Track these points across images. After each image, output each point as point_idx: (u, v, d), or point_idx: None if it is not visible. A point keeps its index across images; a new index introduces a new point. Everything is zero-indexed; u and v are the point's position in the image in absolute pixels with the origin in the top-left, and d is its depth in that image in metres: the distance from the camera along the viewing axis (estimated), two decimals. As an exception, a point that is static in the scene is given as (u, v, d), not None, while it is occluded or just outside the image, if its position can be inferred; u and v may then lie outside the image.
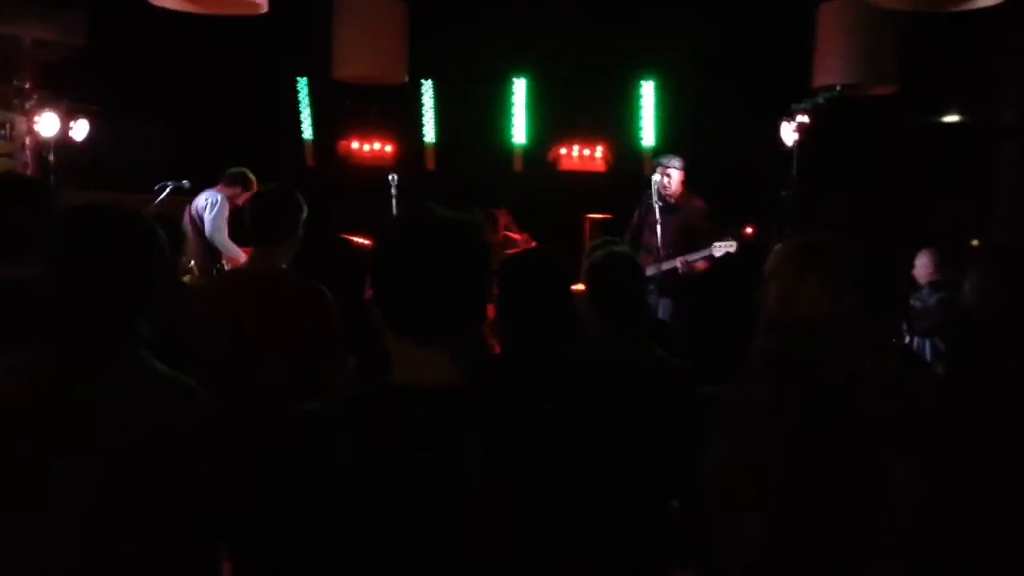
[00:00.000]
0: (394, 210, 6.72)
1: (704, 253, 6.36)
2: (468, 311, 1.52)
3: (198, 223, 6.45)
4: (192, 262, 6.17)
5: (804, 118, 5.44)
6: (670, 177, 6.57)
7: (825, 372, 2.12)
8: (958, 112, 8.57)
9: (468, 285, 1.50)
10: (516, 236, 7.39)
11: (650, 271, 5.99)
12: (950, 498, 2.15)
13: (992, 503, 2.29)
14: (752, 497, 2.07)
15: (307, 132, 8.89)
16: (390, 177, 6.62)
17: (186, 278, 5.66)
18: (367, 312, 1.55)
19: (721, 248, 6.33)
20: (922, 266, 5.90)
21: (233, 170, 6.64)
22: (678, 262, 6.32)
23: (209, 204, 6.48)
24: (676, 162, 6.64)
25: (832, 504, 2.09)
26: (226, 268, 6.43)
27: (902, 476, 2.08)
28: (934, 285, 5.77)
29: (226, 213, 6.47)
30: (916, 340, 5.70)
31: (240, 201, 6.34)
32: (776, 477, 2.07)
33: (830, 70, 5.84)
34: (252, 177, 6.65)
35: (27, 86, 6.70)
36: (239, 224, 5.91)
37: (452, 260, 1.48)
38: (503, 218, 7.51)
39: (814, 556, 2.09)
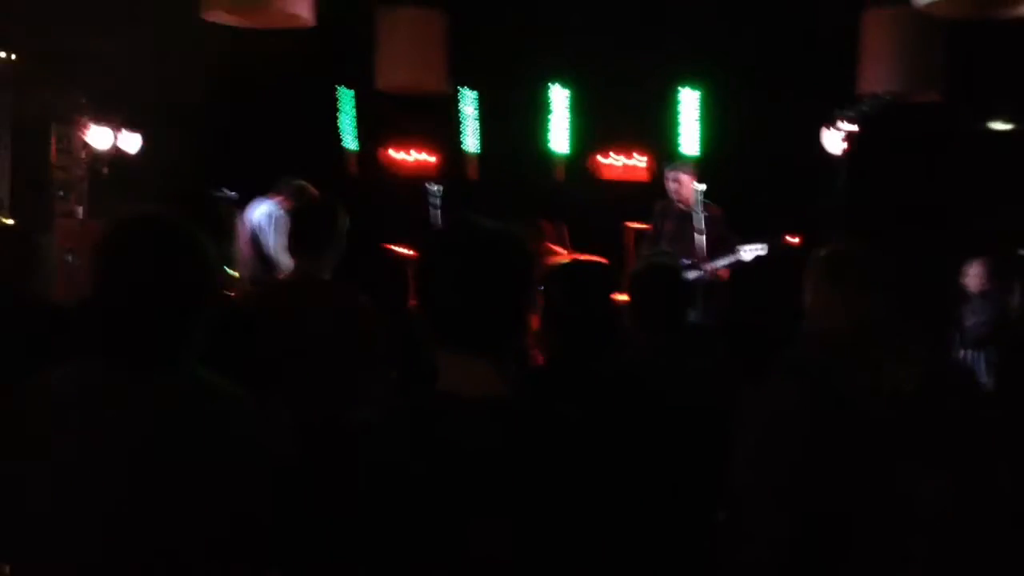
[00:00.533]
0: (436, 220, 6.74)
1: (732, 258, 6.30)
2: (512, 322, 1.53)
3: (257, 234, 6.44)
4: (242, 273, 6.21)
5: (852, 126, 5.38)
6: (679, 183, 6.53)
7: (836, 379, 2.13)
8: (1007, 119, 8.42)
9: (512, 296, 1.52)
10: (560, 249, 7.39)
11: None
12: (984, 516, 2.13)
13: None
14: (766, 502, 2.11)
15: (350, 142, 8.98)
16: (432, 187, 6.64)
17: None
18: (410, 322, 1.58)
19: (750, 251, 6.26)
20: (974, 276, 5.75)
21: (295, 183, 6.54)
22: (705, 268, 6.25)
23: (273, 220, 6.41)
24: (685, 168, 6.59)
25: (843, 511, 2.09)
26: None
27: (928, 490, 2.08)
28: (985, 295, 5.64)
29: (274, 228, 6.43)
30: (969, 353, 5.55)
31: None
32: (788, 482, 2.10)
33: (876, 78, 5.79)
34: (308, 188, 6.58)
35: (82, 101, 6.86)
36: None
37: (497, 271, 1.50)
38: (549, 230, 7.50)
39: (828, 563, 2.10)
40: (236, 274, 6.09)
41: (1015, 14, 4.13)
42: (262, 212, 6.45)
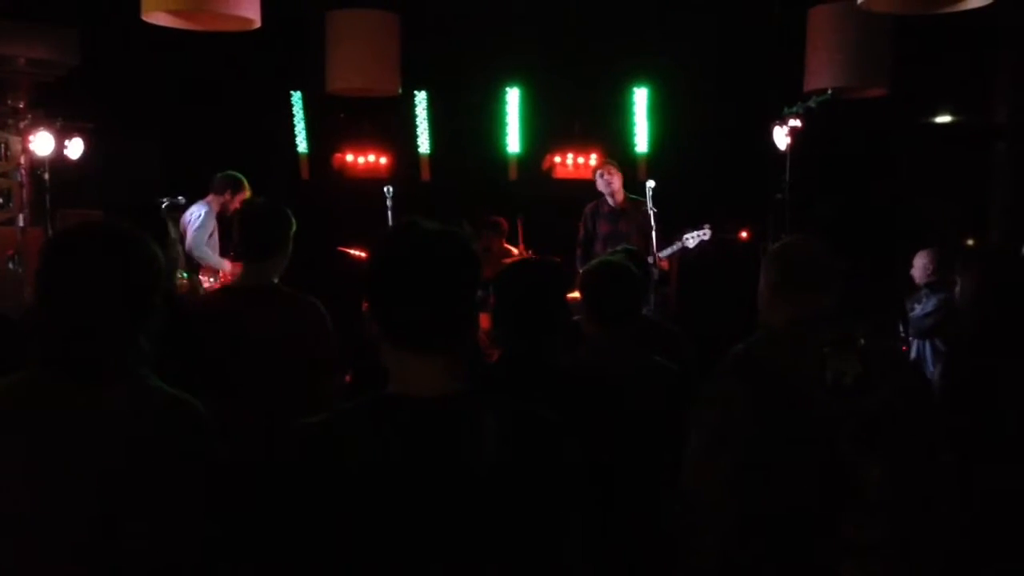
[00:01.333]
0: (390, 222, 6.72)
1: (677, 247, 6.37)
2: (461, 319, 1.55)
3: (183, 234, 6.42)
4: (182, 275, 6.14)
5: (796, 122, 5.45)
6: (612, 178, 6.62)
7: (782, 374, 2.16)
8: (950, 113, 8.60)
9: (460, 294, 1.54)
10: (513, 248, 7.41)
11: None
12: (930, 502, 2.18)
13: (978, 508, 2.32)
14: (715, 497, 2.14)
15: (302, 145, 8.91)
16: (385, 189, 6.62)
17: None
18: (362, 325, 1.57)
19: (694, 238, 6.34)
20: (920, 267, 5.86)
21: (220, 175, 6.58)
22: (650, 259, 6.30)
23: (193, 217, 6.44)
24: (615, 165, 6.72)
25: (795, 504, 2.13)
26: (207, 280, 6.38)
27: (871, 478, 2.11)
28: (932, 286, 5.74)
29: (209, 225, 6.41)
30: (916, 342, 5.67)
31: (236, 205, 6.28)
32: (737, 476, 2.14)
33: (821, 73, 5.87)
34: (240, 177, 6.55)
35: (21, 106, 6.72)
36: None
37: (443, 271, 1.52)
38: (505, 227, 7.52)
39: (783, 556, 2.13)
40: (184, 278, 6.03)
41: (956, 8, 4.20)
42: (188, 213, 6.43)
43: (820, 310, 2.21)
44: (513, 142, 8.75)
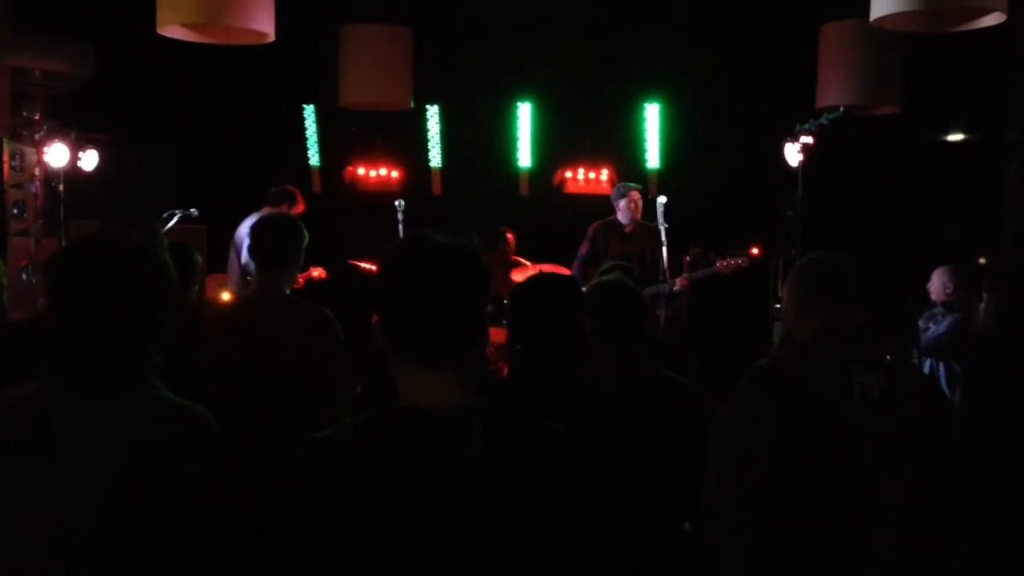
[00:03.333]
0: (401, 235, 6.73)
1: (709, 271, 6.33)
2: (470, 333, 1.55)
3: (239, 250, 6.39)
4: (227, 289, 6.12)
5: (808, 139, 5.45)
6: (636, 202, 6.60)
7: (808, 388, 2.15)
8: (963, 131, 8.58)
9: (468, 307, 1.53)
10: (523, 260, 7.42)
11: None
12: (951, 520, 2.16)
13: (996, 528, 2.30)
14: (739, 511, 2.12)
15: (314, 159, 8.95)
16: (397, 203, 6.64)
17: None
18: (372, 337, 1.57)
19: (728, 266, 6.27)
20: (939, 284, 5.68)
21: (276, 189, 6.56)
22: (678, 282, 6.28)
23: (248, 231, 6.36)
24: (637, 188, 6.72)
25: (819, 519, 2.11)
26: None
27: (896, 495, 2.10)
28: (948, 305, 5.61)
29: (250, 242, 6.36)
30: (929, 362, 5.52)
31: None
32: (761, 490, 2.12)
33: (833, 90, 5.88)
34: (294, 191, 6.55)
35: (36, 117, 6.76)
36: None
37: (452, 284, 1.52)
38: (513, 241, 7.53)
39: (807, 571, 2.12)
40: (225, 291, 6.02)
41: (969, 27, 4.20)
42: (243, 226, 6.40)
43: (846, 326, 2.20)
44: (524, 157, 8.76)
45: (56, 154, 6.43)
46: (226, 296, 6.15)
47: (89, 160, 6.77)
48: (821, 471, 2.12)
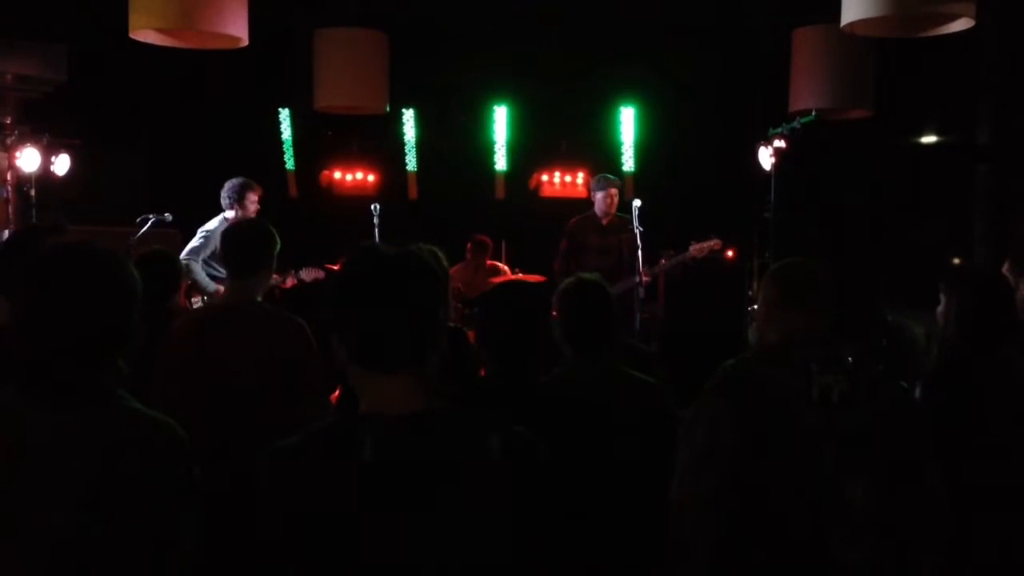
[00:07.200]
0: (377, 240, 6.72)
1: (680, 258, 6.31)
2: (425, 338, 1.56)
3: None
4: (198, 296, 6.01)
5: (781, 143, 5.50)
6: (613, 197, 6.59)
7: (768, 390, 2.18)
8: (934, 133, 8.68)
9: (421, 313, 1.55)
10: (501, 265, 7.43)
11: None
12: (917, 521, 2.19)
13: (965, 524, 2.33)
14: (700, 511, 2.15)
15: (289, 163, 8.92)
16: (373, 207, 6.62)
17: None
18: (333, 351, 1.59)
19: (704, 248, 6.24)
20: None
21: (230, 181, 6.13)
22: (645, 274, 6.26)
23: (205, 233, 6.21)
24: (616, 183, 6.67)
25: (781, 521, 2.14)
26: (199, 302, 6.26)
27: (857, 496, 2.13)
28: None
29: (195, 243, 6.18)
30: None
31: (252, 210, 5.94)
32: (722, 492, 2.15)
33: (805, 95, 5.93)
34: (238, 182, 6.11)
35: (8, 122, 6.70)
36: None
37: (402, 291, 1.54)
38: (491, 246, 7.54)
39: (767, 568, 2.14)
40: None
41: (939, 32, 4.26)
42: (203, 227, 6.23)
43: (814, 330, 2.23)
44: (500, 160, 8.78)
45: (28, 159, 6.39)
46: (196, 303, 6.08)
47: (61, 164, 6.72)
48: (779, 471, 2.15)
